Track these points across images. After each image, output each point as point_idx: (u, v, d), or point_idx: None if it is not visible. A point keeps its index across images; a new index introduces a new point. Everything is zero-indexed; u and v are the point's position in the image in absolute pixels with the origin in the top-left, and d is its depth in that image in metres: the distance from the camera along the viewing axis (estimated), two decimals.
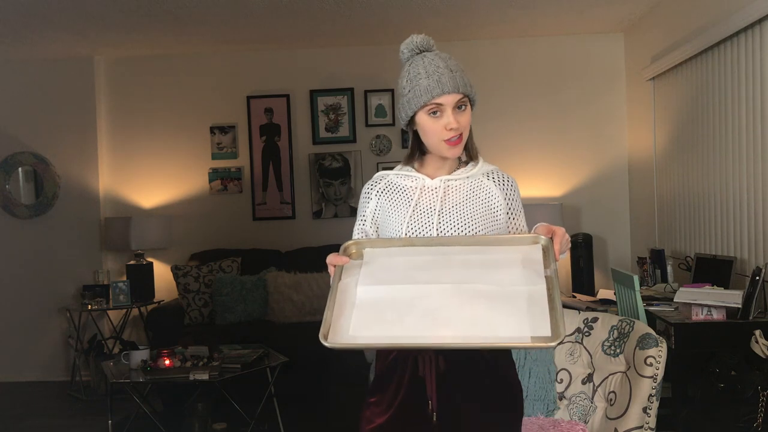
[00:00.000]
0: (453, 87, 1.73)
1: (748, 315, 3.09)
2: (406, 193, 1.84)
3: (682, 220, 4.44)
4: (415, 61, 1.78)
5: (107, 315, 5.68)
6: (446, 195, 1.81)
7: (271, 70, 5.79)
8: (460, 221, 1.76)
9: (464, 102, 1.76)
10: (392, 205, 1.84)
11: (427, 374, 1.70)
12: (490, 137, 5.58)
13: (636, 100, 5.31)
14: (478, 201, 1.81)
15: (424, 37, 1.81)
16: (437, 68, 1.74)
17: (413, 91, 1.75)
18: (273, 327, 4.97)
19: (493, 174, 1.87)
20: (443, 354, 1.69)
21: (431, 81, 1.73)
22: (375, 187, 1.89)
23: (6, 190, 5.74)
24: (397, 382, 1.72)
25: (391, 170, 1.91)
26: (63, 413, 4.85)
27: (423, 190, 1.82)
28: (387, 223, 1.83)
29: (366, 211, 1.88)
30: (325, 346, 1.50)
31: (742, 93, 3.60)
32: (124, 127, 5.86)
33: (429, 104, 1.73)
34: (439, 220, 1.77)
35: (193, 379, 3.65)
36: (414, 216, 1.78)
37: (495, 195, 1.83)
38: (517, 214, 1.87)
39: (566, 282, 5.49)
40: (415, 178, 1.85)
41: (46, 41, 5.21)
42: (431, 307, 1.54)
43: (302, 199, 5.79)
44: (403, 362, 1.73)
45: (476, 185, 1.83)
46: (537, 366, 2.80)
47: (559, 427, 2.60)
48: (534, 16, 4.98)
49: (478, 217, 1.78)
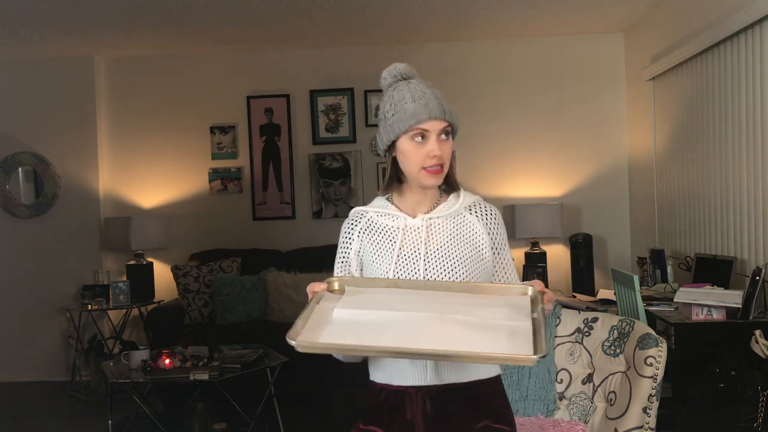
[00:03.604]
0: (440, 113, 1.68)
1: (748, 315, 3.09)
2: (389, 234, 1.77)
3: (682, 220, 4.44)
4: (400, 87, 1.73)
5: (107, 315, 5.68)
6: (429, 236, 1.75)
7: (271, 70, 5.79)
8: (446, 265, 1.71)
9: (448, 130, 1.71)
10: (376, 248, 1.77)
11: (415, 417, 1.68)
12: (491, 137, 5.58)
13: (636, 100, 5.31)
14: (463, 240, 1.75)
15: (407, 65, 1.77)
16: (423, 94, 1.70)
17: (398, 115, 1.70)
18: (273, 327, 4.96)
19: (476, 207, 1.80)
20: (430, 397, 1.67)
21: (418, 105, 1.68)
22: (356, 227, 1.82)
23: (6, 190, 5.74)
24: (386, 423, 1.70)
25: (368, 206, 1.84)
26: (63, 413, 4.85)
27: (405, 230, 1.76)
28: (371, 267, 1.77)
29: (349, 252, 1.81)
30: (292, 344, 1.45)
31: (742, 93, 3.60)
32: (124, 127, 5.86)
33: (414, 129, 1.68)
34: (425, 266, 1.71)
35: (193, 379, 3.65)
36: (399, 261, 1.73)
37: (479, 232, 1.76)
38: (501, 249, 1.80)
39: (566, 282, 5.49)
40: (395, 217, 1.78)
41: (46, 41, 5.21)
42: (409, 328, 1.49)
43: (302, 199, 5.80)
44: (392, 404, 1.70)
45: (459, 222, 1.77)
46: (537, 366, 2.80)
47: (559, 427, 2.60)
48: (534, 16, 4.98)
49: (464, 258, 1.72)
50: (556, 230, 5.28)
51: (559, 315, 2.90)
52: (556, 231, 5.29)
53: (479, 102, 5.61)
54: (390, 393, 1.71)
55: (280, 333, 5.51)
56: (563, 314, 2.90)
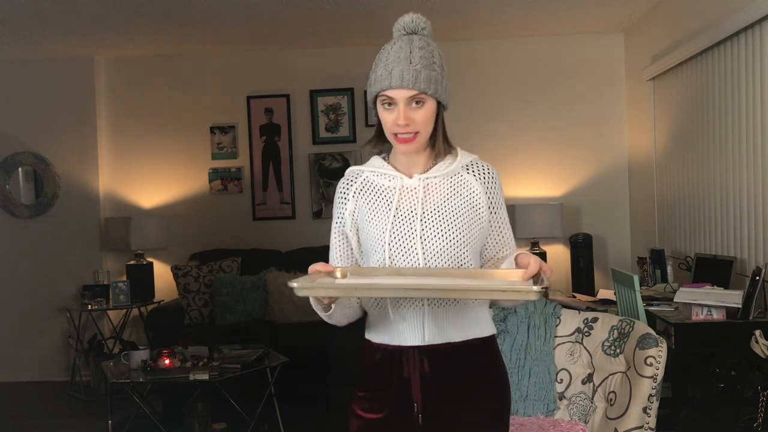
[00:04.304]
0: (402, 82, 1.61)
1: (748, 315, 3.09)
2: (385, 194, 1.74)
3: (682, 220, 4.44)
4: (387, 46, 1.68)
5: (107, 315, 5.68)
6: (426, 195, 1.72)
7: (271, 70, 5.79)
8: (442, 225, 1.69)
9: (420, 98, 1.64)
10: (371, 209, 1.74)
11: (412, 376, 1.69)
12: (490, 137, 5.58)
13: (636, 100, 5.31)
14: (460, 199, 1.72)
15: (415, 17, 1.69)
16: (396, 59, 1.63)
17: (370, 78, 1.68)
18: (273, 327, 4.96)
19: (474, 166, 1.77)
20: (428, 356, 1.68)
21: (384, 71, 1.63)
22: (351, 186, 1.79)
23: (6, 190, 5.74)
24: (386, 382, 1.71)
25: (364, 165, 1.81)
26: (63, 413, 4.85)
27: (402, 190, 1.73)
28: (367, 227, 1.74)
29: (344, 213, 1.79)
30: (292, 286, 1.47)
31: (742, 93, 3.60)
32: (124, 127, 5.86)
33: (380, 95, 1.66)
34: (422, 226, 1.69)
35: (193, 379, 3.65)
36: (396, 222, 1.70)
37: (476, 190, 1.74)
38: (498, 208, 1.77)
39: (566, 282, 5.49)
40: (392, 177, 1.75)
41: (46, 41, 5.21)
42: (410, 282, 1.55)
43: (302, 199, 5.79)
44: (389, 362, 1.71)
45: (456, 182, 1.74)
46: (537, 366, 2.80)
47: (559, 427, 2.60)
48: (534, 16, 4.98)
49: (461, 218, 1.70)
50: (556, 230, 5.28)
51: (559, 315, 2.90)
52: (556, 231, 5.29)
53: (479, 102, 5.61)
54: (386, 352, 1.72)
55: (280, 333, 5.53)
56: (563, 314, 2.90)
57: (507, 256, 1.74)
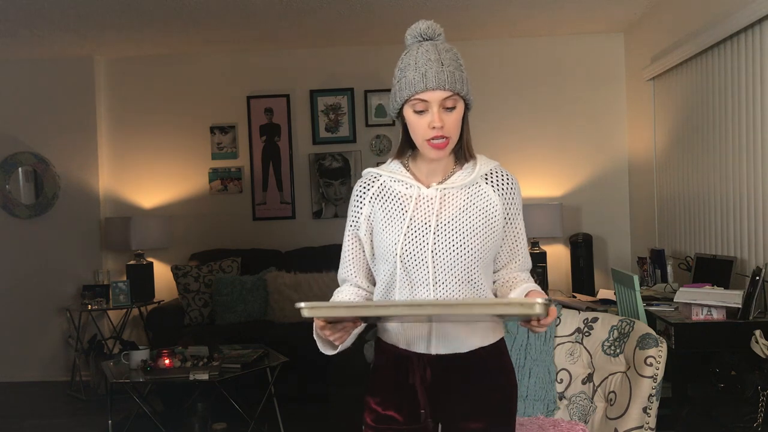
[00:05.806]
0: (438, 83, 1.59)
1: (748, 315, 3.09)
2: (401, 202, 1.71)
3: (682, 220, 4.44)
4: (411, 50, 1.66)
5: (107, 315, 5.68)
6: (442, 207, 1.69)
7: (271, 70, 5.79)
8: (455, 238, 1.66)
9: (454, 101, 1.63)
10: (386, 216, 1.72)
11: (417, 383, 1.70)
12: (490, 137, 5.58)
13: (636, 100, 5.31)
14: (476, 211, 1.69)
15: (430, 24, 1.69)
16: (427, 61, 1.61)
17: (400, 83, 1.65)
18: (273, 327, 4.96)
19: (493, 176, 1.74)
20: (431, 365, 1.69)
21: (417, 74, 1.61)
22: (369, 190, 1.76)
23: (6, 190, 5.74)
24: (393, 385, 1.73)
25: (382, 169, 1.78)
26: (63, 413, 4.85)
27: (418, 200, 1.70)
28: (380, 236, 1.72)
29: (360, 217, 1.76)
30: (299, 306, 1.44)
31: (742, 93, 3.60)
32: (124, 127, 5.86)
33: (412, 99, 1.62)
34: (435, 239, 1.66)
35: (193, 379, 3.65)
36: (409, 233, 1.67)
37: (493, 202, 1.71)
38: (514, 218, 1.75)
39: (566, 282, 5.49)
40: (409, 185, 1.72)
41: (46, 41, 5.21)
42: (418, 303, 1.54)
43: (302, 199, 5.80)
44: (395, 367, 1.73)
45: (474, 193, 1.71)
46: (537, 366, 2.80)
47: (559, 427, 2.60)
48: (534, 15, 4.98)
49: (475, 231, 1.67)
50: (556, 230, 5.28)
51: (559, 315, 2.90)
52: (556, 231, 5.28)
53: (479, 102, 5.54)
54: (396, 354, 1.73)
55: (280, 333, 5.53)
56: (563, 314, 2.90)
57: (518, 284, 1.75)
